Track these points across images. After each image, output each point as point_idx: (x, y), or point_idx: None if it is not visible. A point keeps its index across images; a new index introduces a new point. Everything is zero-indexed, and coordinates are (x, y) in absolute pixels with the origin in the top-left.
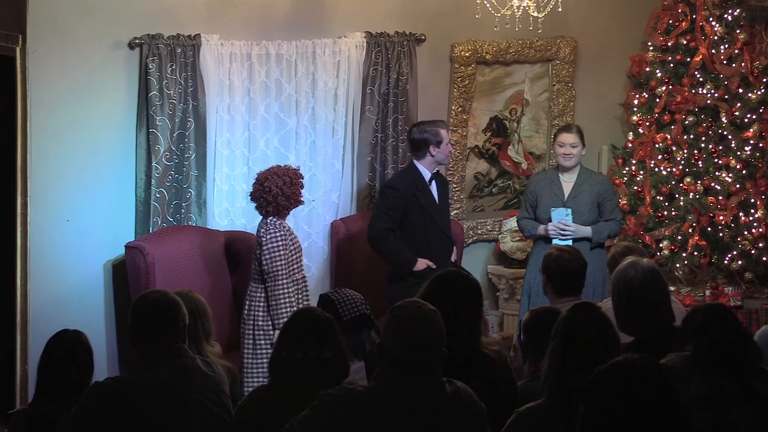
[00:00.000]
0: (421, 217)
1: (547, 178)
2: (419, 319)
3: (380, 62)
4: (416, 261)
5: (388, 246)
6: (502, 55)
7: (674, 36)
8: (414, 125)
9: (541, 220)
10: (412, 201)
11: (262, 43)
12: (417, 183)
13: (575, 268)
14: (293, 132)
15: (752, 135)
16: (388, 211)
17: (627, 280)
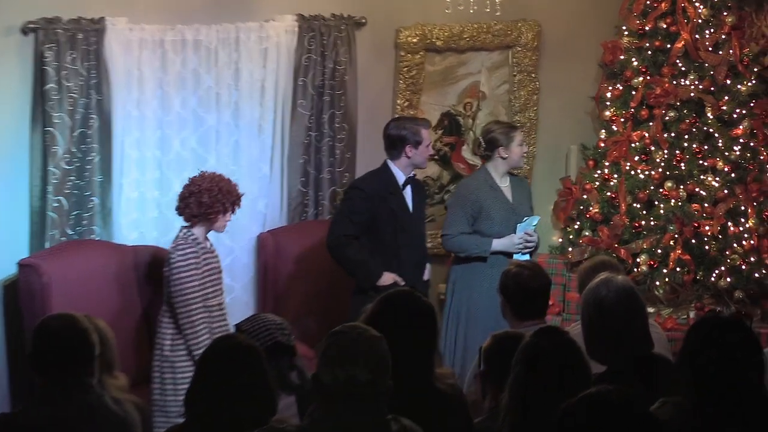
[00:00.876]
0: (391, 226)
1: (485, 185)
2: (360, 346)
3: (314, 49)
4: (381, 274)
5: (347, 254)
6: (455, 42)
7: (652, 19)
8: (392, 120)
9: (485, 235)
10: (382, 206)
11: (177, 27)
12: (389, 186)
13: (537, 287)
14: (213, 130)
15: (742, 133)
16: (351, 216)
17: (598, 301)
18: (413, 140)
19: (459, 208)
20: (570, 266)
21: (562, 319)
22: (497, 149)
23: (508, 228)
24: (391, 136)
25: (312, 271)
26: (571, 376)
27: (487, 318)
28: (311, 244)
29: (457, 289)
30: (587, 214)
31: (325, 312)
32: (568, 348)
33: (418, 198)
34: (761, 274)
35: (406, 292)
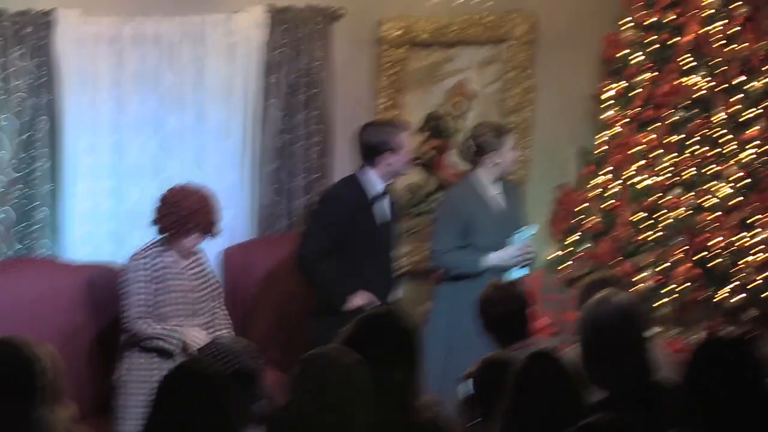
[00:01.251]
0: (364, 241)
1: (472, 194)
2: (336, 373)
3: (287, 44)
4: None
5: (319, 272)
6: (442, 35)
7: (658, 10)
8: (367, 125)
9: (478, 248)
10: (356, 218)
11: (136, 20)
12: (364, 197)
13: (514, 309)
14: (175, 134)
15: (756, 135)
16: (328, 229)
17: (596, 320)
18: (393, 146)
19: (448, 220)
20: (568, 282)
21: (560, 341)
22: (488, 154)
23: (502, 239)
24: (368, 143)
25: (284, 289)
26: (566, 405)
27: (481, 340)
28: (283, 259)
29: (446, 309)
30: (587, 225)
31: (297, 334)
32: (563, 374)
33: (393, 209)
34: None
35: (387, 311)
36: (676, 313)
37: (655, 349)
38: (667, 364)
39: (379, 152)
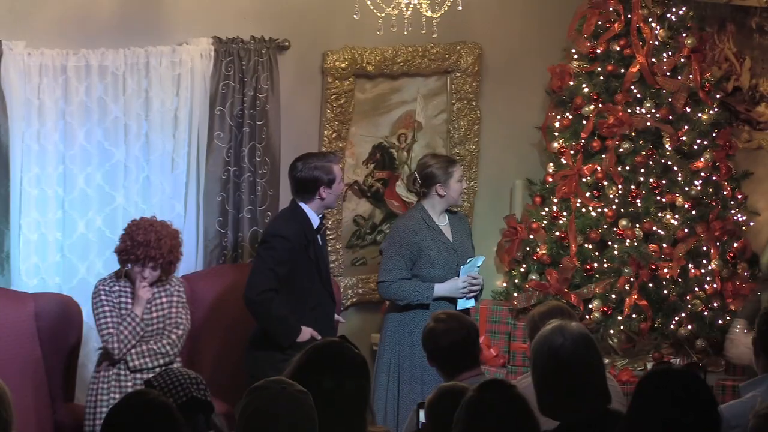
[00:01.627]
0: (309, 275)
1: (423, 224)
2: (282, 403)
3: (232, 76)
4: (300, 330)
5: (271, 312)
6: (388, 66)
7: (604, 41)
8: (298, 160)
9: (426, 279)
10: (302, 255)
11: (81, 51)
12: (307, 232)
13: (457, 340)
14: (121, 165)
15: (703, 165)
16: (275, 267)
17: (554, 350)
18: (327, 179)
19: (396, 251)
20: (515, 313)
21: (507, 372)
22: (434, 186)
23: (450, 270)
24: (303, 179)
25: (231, 321)
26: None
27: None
28: (230, 291)
29: (395, 340)
30: (534, 256)
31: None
32: (516, 403)
33: (324, 242)
34: (725, 321)
35: (335, 343)
36: (624, 343)
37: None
38: (616, 395)
39: (312, 188)
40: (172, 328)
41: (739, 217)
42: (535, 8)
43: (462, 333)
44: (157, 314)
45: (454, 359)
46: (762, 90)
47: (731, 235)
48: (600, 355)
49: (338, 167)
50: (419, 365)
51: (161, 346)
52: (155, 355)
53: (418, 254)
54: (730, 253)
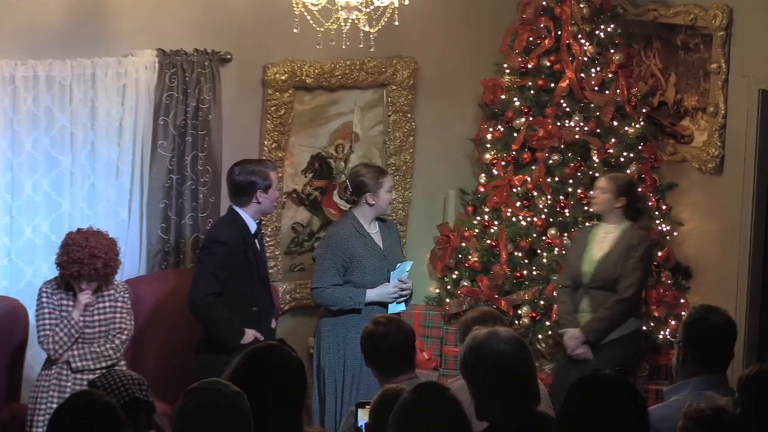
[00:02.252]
0: (249, 279)
1: (354, 232)
2: (219, 404)
3: (176, 87)
4: (244, 332)
5: (215, 315)
6: (327, 79)
7: (535, 56)
8: (236, 165)
9: (358, 285)
10: (241, 259)
11: (29, 62)
12: (244, 236)
13: (396, 344)
14: (67, 173)
15: None
16: (216, 271)
17: (496, 354)
18: (263, 185)
19: (328, 258)
20: (448, 318)
21: (439, 375)
22: (365, 195)
23: (381, 276)
24: (240, 183)
25: (172, 323)
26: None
27: (364, 372)
28: (172, 295)
29: (329, 344)
30: (466, 263)
31: (183, 366)
32: (449, 405)
33: (262, 245)
34: (649, 327)
35: (273, 346)
36: (551, 348)
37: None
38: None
39: (249, 192)
40: (116, 332)
41: (663, 227)
42: (468, 24)
43: (401, 337)
44: (100, 318)
45: (391, 362)
46: (686, 105)
47: (655, 244)
48: (531, 358)
49: (275, 174)
50: (350, 367)
51: (105, 350)
52: (98, 358)
53: (349, 261)
54: (655, 262)
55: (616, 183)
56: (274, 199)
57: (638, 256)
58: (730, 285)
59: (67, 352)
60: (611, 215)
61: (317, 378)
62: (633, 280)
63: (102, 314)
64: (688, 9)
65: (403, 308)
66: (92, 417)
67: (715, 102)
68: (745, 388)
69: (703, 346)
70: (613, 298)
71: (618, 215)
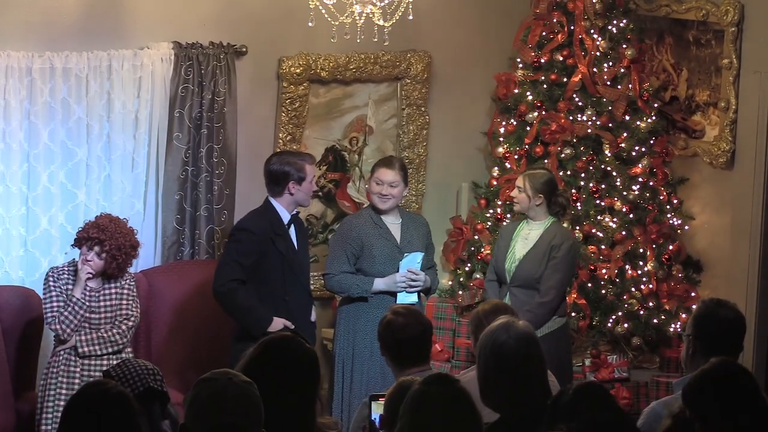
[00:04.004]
0: (279, 268)
1: (369, 222)
2: (229, 393)
3: (191, 79)
4: (272, 320)
5: (237, 302)
6: (341, 72)
7: (548, 51)
8: (274, 154)
9: (368, 274)
10: (269, 247)
11: (46, 54)
12: (275, 226)
13: (414, 335)
14: (83, 164)
15: (641, 171)
16: (240, 259)
17: (497, 346)
18: (297, 176)
19: (340, 245)
20: (460, 311)
21: (451, 366)
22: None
23: (392, 267)
24: (274, 172)
25: (187, 314)
26: (461, 426)
27: (372, 361)
28: (187, 286)
29: (342, 331)
30: (479, 256)
31: (204, 359)
32: (459, 397)
33: (302, 237)
34: (660, 320)
35: (287, 337)
36: None
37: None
38: (555, 390)
39: (282, 182)
40: (123, 319)
41: (674, 221)
42: (482, 19)
43: (419, 329)
44: (106, 304)
45: (407, 353)
46: (698, 100)
47: (667, 238)
48: (542, 353)
49: (311, 167)
50: (365, 355)
51: (111, 335)
52: (105, 343)
53: (360, 250)
54: (666, 256)
55: (532, 181)
56: (309, 192)
57: (560, 256)
58: (740, 279)
59: (74, 331)
60: (534, 213)
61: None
62: (554, 282)
63: (108, 300)
64: (700, 5)
65: (414, 300)
66: (106, 406)
67: (726, 97)
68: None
69: (712, 340)
70: (535, 300)
71: (541, 212)
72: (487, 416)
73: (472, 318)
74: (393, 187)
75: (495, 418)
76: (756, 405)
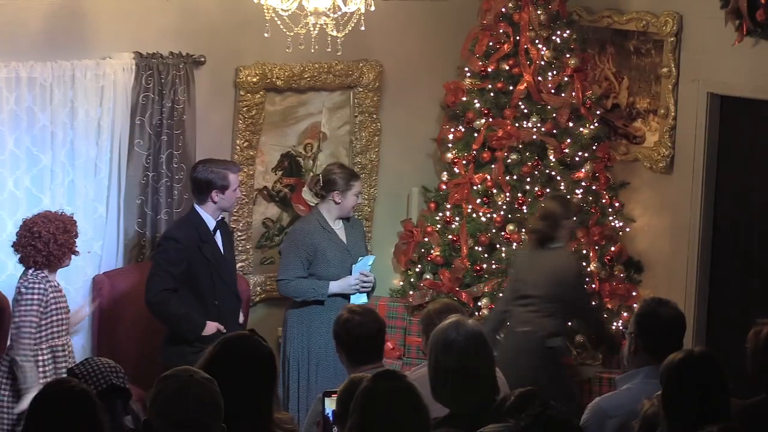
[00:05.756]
0: (207, 273)
1: (319, 227)
2: (191, 390)
3: (152, 88)
4: (205, 324)
5: (170, 311)
6: (296, 81)
7: (495, 60)
8: (199, 163)
9: (321, 278)
10: (196, 254)
11: (11, 64)
12: (201, 233)
13: (367, 333)
14: (48, 170)
15: (584, 176)
16: (168, 268)
17: (447, 343)
18: (220, 184)
19: (293, 252)
20: (411, 310)
21: (402, 364)
22: (332, 192)
23: (344, 269)
24: (198, 180)
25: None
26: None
27: (326, 361)
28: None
29: (295, 334)
30: (428, 257)
31: (161, 356)
32: (407, 393)
33: (227, 240)
34: (602, 319)
35: (244, 336)
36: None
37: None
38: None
39: (205, 190)
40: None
41: (616, 223)
42: (431, 29)
43: (375, 326)
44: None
45: (362, 350)
46: (638, 107)
47: (609, 239)
48: (491, 351)
49: (235, 176)
50: (320, 355)
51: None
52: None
53: (314, 254)
54: (608, 257)
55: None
56: (233, 200)
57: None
58: (679, 278)
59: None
60: None
61: (282, 367)
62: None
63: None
64: (641, 16)
65: (364, 300)
66: (69, 404)
67: (665, 104)
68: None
69: (654, 338)
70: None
71: None
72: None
73: (423, 317)
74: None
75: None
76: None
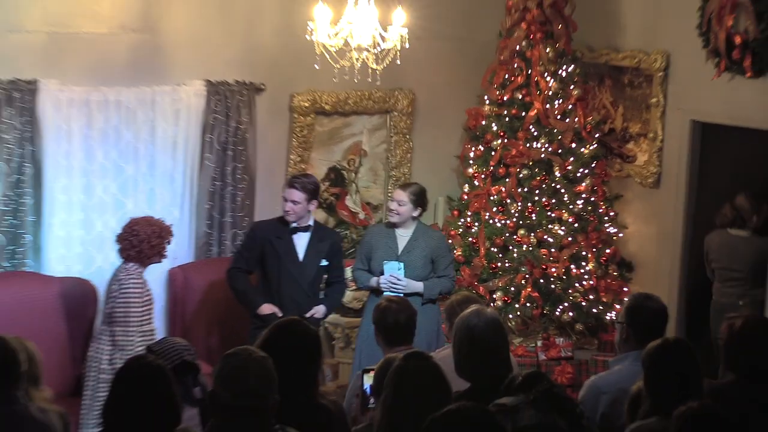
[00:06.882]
0: (275, 266)
1: (383, 231)
2: (250, 365)
3: (220, 110)
4: (261, 304)
5: (234, 285)
6: (341, 106)
7: (510, 90)
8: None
9: (374, 273)
10: (268, 247)
11: (101, 89)
12: (277, 231)
13: (403, 319)
14: (132, 179)
15: (584, 189)
16: (242, 251)
17: (469, 327)
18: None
19: (360, 247)
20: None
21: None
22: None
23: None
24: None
25: (215, 302)
26: (434, 394)
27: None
28: (215, 278)
29: (365, 317)
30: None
31: (226, 337)
32: (432, 370)
33: (317, 245)
34: (598, 310)
35: (294, 321)
36: (520, 325)
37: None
38: (514, 366)
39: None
40: None
41: (611, 229)
42: (456, 64)
43: (408, 313)
44: None
45: (397, 334)
46: (631, 131)
47: (605, 243)
48: (506, 335)
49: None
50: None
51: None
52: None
53: (370, 251)
54: (604, 258)
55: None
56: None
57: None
58: (664, 277)
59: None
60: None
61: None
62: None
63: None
64: (634, 54)
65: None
66: (147, 377)
67: (654, 129)
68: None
69: (641, 327)
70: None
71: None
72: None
73: (447, 306)
74: (401, 206)
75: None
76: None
